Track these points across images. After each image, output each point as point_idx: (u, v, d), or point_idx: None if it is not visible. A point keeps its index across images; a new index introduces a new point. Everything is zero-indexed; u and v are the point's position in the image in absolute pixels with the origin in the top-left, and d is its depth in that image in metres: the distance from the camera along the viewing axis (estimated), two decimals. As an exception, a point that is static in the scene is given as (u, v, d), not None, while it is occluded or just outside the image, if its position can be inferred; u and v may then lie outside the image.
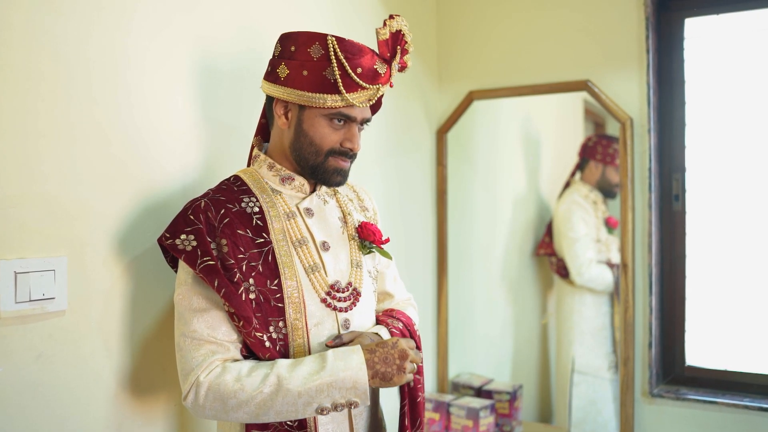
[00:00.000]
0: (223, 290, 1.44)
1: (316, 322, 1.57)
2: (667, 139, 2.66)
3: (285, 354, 1.52)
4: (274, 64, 1.62)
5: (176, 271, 1.57)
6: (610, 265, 2.94)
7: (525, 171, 3.31)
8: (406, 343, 1.55)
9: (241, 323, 1.46)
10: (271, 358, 1.49)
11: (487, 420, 2.73)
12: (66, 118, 1.53)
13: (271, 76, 1.62)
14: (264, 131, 1.75)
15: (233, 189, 1.61)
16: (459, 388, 3.01)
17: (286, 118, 1.62)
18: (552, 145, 3.36)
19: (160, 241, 1.50)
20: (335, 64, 1.53)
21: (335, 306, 1.60)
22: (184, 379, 1.47)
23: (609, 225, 3.03)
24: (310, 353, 1.54)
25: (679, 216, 2.66)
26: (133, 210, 1.68)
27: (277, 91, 1.60)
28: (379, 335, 1.64)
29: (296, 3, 2.22)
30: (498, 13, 2.92)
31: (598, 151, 3.04)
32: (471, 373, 3.11)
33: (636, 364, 2.62)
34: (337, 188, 1.78)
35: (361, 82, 1.55)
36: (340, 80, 1.54)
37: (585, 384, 2.99)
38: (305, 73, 1.55)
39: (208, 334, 1.47)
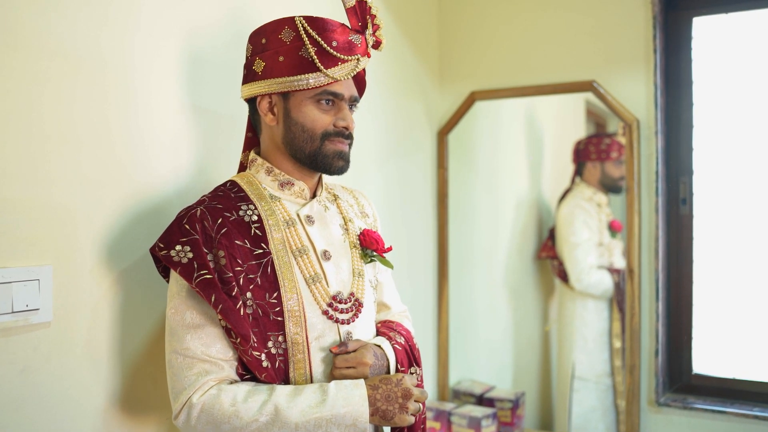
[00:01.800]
0: (221, 306, 1.37)
1: (317, 335, 1.50)
2: (674, 141, 2.60)
3: (285, 370, 1.46)
4: (248, 64, 1.57)
5: (168, 282, 1.50)
6: (613, 270, 2.88)
7: (527, 173, 3.25)
8: (410, 381, 1.49)
9: (239, 340, 1.38)
10: (269, 378, 1.42)
11: (489, 429, 2.67)
12: (50, 120, 1.46)
13: (248, 76, 1.57)
14: (252, 146, 1.68)
15: (230, 196, 1.53)
16: (460, 396, 2.94)
17: (273, 113, 1.56)
18: (554, 147, 3.30)
19: (152, 251, 1.43)
20: (309, 42, 1.49)
21: (337, 318, 1.53)
22: (174, 397, 1.40)
23: (612, 229, 2.97)
24: (311, 369, 1.48)
25: (687, 220, 2.60)
26: (123, 215, 1.61)
27: (257, 88, 1.54)
28: (381, 348, 1.58)
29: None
30: (501, 12, 2.86)
31: (591, 150, 3.00)
32: (472, 380, 3.05)
33: (642, 372, 2.57)
34: (337, 194, 1.72)
35: (338, 54, 1.51)
36: (316, 57, 1.49)
37: (586, 390, 2.94)
38: (281, 59, 1.50)
39: (202, 352, 1.40)
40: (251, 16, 1.97)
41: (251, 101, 1.60)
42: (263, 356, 1.41)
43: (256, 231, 1.49)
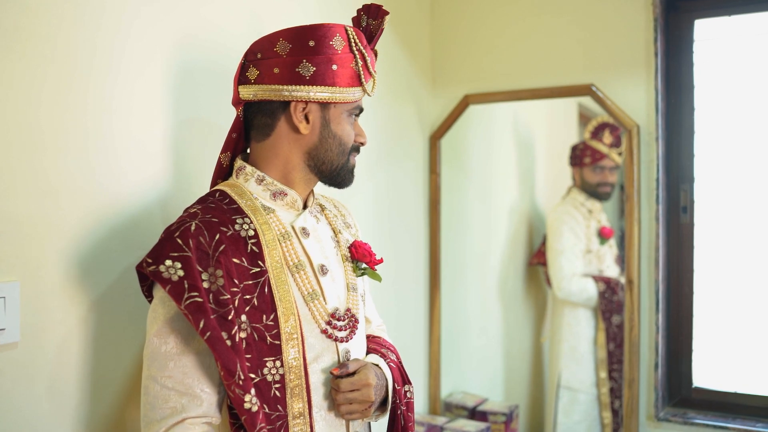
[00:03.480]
0: (209, 334, 1.25)
1: (315, 355, 1.41)
2: (675, 147, 2.52)
3: (283, 397, 1.35)
4: (286, 63, 1.42)
5: (150, 301, 1.38)
6: (601, 278, 2.82)
7: (521, 178, 3.17)
8: None
9: (222, 374, 1.27)
10: (248, 423, 1.29)
11: (482, 445, 2.58)
12: (16, 122, 1.35)
13: (285, 78, 1.42)
14: (232, 147, 1.53)
15: (223, 208, 1.41)
16: (452, 409, 2.85)
17: (307, 121, 1.46)
18: (547, 151, 3.23)
19: (139, 268, 1.31)
20: (359, 56, 1.47)
21: (336, 336, 1.45)
22: (145, 426, 1.30)
23: (602, 235, 2.91)
24: (309, 395, 1.39)
25: (687, 229, 2.52)
26: (97, 227, 1.50)
27: (302, 92, 1.42)
28: (380, 367, 1.52)
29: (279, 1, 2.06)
30: (496, 12, 2.77)
31: (571, 156, 2.97)
32: (464, 392, 2.96)
33: (641, 386, 2.49)
34: (323, 204, 1.64)
35: (372, 71, 1.51)
36: (362, 71, 1.47)
37: (574, 401, 2.88)
38: (335, 67, 1.43)
39: (183, 383, 1.29)
40: (240, 26, 1.89)
41: (265, 103, 1.46)
42: (248, 396, 1.28)
43: (253, 247, 1.39)
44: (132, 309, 1.56)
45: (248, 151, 1.55)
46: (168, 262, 1.27)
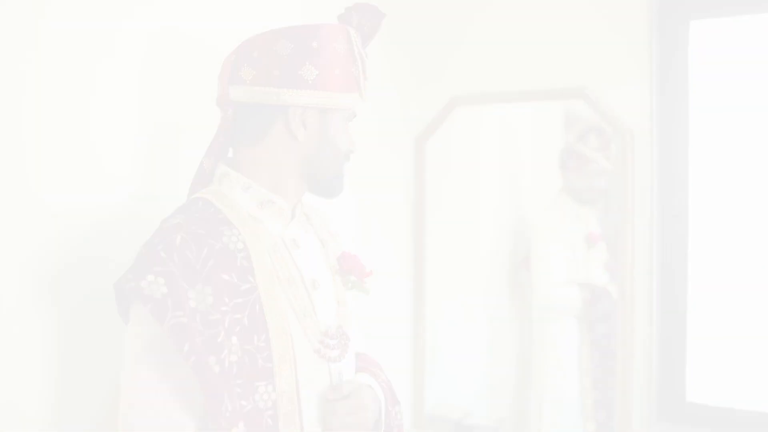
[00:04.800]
0: (194, 358, 1.15)
1: (308, 378, 1.33)
2: (669, 153, 2.47)
3: (274, 425, 1.25)
4: (287, 65, 1.34)
5: (127, 324, 1.27)
6: (586, 286, 2.75)
7: (509, 183, 3.10)
8: None
9: (207, 404, 1.16)
10: None
11: (469, 461, 2.50)
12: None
13: (286, 80, 1.34)
14: (221, 152, 1.44)
15: (208, 218, 1.31)
16: (436, 422, 2.77)
17: (305, 127, 1.38)
18: (534, 155, 3.17)
19: (118, 285, 1.20)
20: (360, 60, 1.41)
21: (329, 356, 1.37)
22: None
23: (590, 241, 2.84)
24: (301, 420, 1.29)
25: (682, 237, 2.46)
26: (63, 231, 1.40)
27: (304, 98, 1.34)
28: (372, 389, 1.44)
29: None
30: (485, 10, 2.70)
31: (560, 160, 2.88)
32: (449, 403, 2.89)
33: (633, 400, 2.43)
34: (308, 213, 1.55)
35: (367, 74, 1.45)
36: (360, 76, 1.42)
37: (557, 411, 2.82)
38: (337, 72, 1.37)
39: (163, 414, 1.19)
40: (221, 18, 1.80)
41: (260, 106, 1.37)
42: (234, 430, 1.18)
43: (242, 261, 1.29)
44: (102, 317, 1.44)
45: (229, 155, 1.46)
46: (150, 278, 1.16)
